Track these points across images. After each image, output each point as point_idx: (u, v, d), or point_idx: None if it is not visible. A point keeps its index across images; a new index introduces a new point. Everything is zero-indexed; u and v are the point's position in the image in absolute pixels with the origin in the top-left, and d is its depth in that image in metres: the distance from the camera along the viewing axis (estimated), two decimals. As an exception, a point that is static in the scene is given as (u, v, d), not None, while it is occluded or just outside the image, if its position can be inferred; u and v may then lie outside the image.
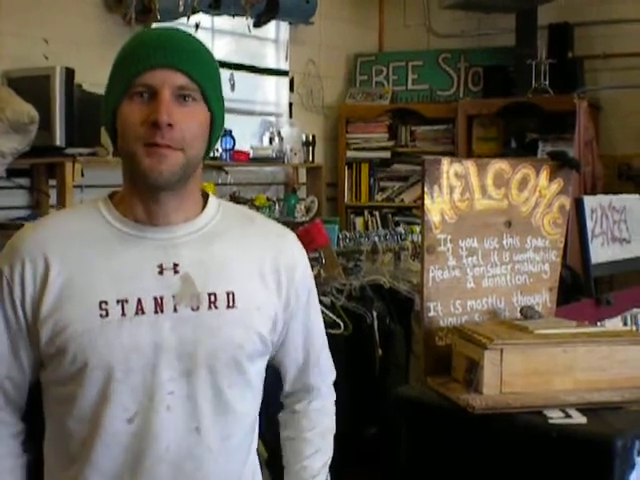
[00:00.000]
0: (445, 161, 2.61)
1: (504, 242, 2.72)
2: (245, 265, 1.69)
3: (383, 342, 3.52)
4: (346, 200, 7.06)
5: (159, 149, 1.56)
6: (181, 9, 5.25)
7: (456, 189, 2.62)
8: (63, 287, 1.60)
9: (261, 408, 1.79)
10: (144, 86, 1.57)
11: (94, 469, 1.63)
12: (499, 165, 2.71)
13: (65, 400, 1.64)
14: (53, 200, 4.87)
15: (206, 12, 5.67)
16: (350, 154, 7.03)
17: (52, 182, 4.88)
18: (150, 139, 1.56)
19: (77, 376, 1.60)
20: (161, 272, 1.62)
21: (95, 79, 4.68)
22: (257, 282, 1.69)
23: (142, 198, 1.64)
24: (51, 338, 1.60)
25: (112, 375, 1.59)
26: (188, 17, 5.34)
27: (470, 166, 2.65)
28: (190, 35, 1.68)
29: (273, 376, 1.86)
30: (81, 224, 1.67)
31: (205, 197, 1.74)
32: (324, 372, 1.92)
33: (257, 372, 1.73)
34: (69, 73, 4.62)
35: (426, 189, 2.56)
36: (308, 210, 6.35)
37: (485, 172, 2.67)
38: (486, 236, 2.69)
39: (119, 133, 1.60)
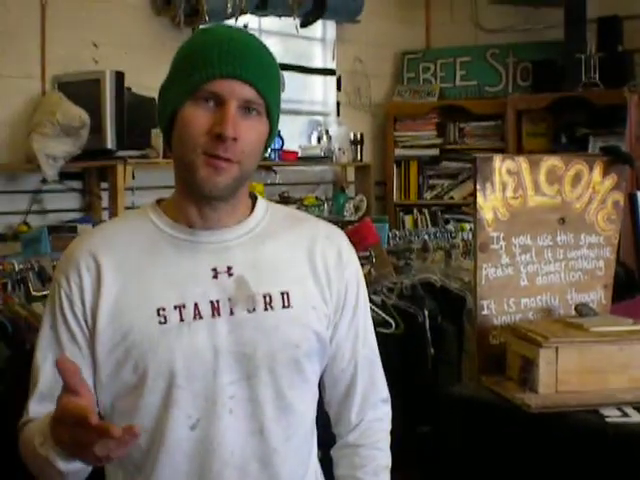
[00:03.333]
0: (497, 158, 2.59)
1: (558, 239, 2.69)
2: (297, 265, 1.69)
3: (435, 341, 3.50)
4: (395, 198, 7.04)
5: (218, 161, 1.55)
6: (229, 10, 5.28)
7: (508, 186, 2.59)
8: (119, 295, 1.59)
9: None
10: (212, 93, 1.55)
11: (159, 478, 1.61)
12: (552, 161, 2.68)
13: (126, 413, 1.62)
14: (105, 203, 4.93)
15: (253, 13, 5.70)
16: (398, 152, 7.01)
17: (104, 185, 4.94)
18: (212, 150, 1.54)
19: (138, 386, 1.59)
20: (215, 276, 1.62)
21: (144, 82, 4.74)
22: (310, 281, 1.68)
23: (196, 203, 1.63)
24: (110, 349, 1.59)
25: (174, 382, 1.58)
26: (236, 18, 5.37)
27: (522, 162, 2.63)
28: (260, 42, 1.65)
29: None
30: (132, 232, 1.66)
31: (253, 198, 1.74)
32: (377, 387, 1.84)
33: (314, 372, 1.72)
34: (119, 76, 4.67)
35: (478, 186, 2.55)
36: (357, 209, 6.34)
37: (538, 168, 2.64)
38: (539, 233, 2.66)
39: (177, 136, 1.59)
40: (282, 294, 1.64)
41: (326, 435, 1.87)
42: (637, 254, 3.66)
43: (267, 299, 1.63)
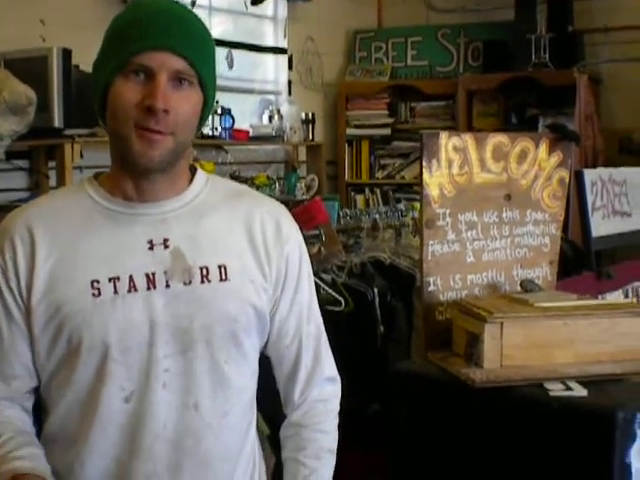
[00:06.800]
0: (443, 135, 2.59)
1: (504, 215, 2.71)
2: (236, 239, 1.67)
3: (384, 318, 3.50)
4: (346, 178, 7.05)
5: (151, 134, 1.54)
6: (177, -13, 5.23)
7: (455, 163, 2.60)
8: (53, 268, 1.59)
9: (260, 383, 1.77)
10: (141, 66, 1.54)
11: (92, 451, 1.61)
12: (498, 138, 2.69)
13: (61, 386, 1.62)
14: (53, 182, 4.86)
15: (203, -10, 5.66)
16: (350, 131, 7.00)
17: (51, 164, 4.87)
18: (143, 123, 1.54)
19: (73, 358, 1.58)
20: (151, 248, 1.61)
21: (92, 59, 4.65)
22: (249, 255, 1.67)
23: (132, 176, 1.62)
24: (46, 322, 1.58)
25: (108, 354, 1.57)
26: (185, -5, 5.32)
27: (468, 139, 2.63)
28: (191, 12, 1.64)
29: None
30: (68, 205, 1.65)
31: (193, 171, 1.73)
32: (323, 365, 1.81)
33: (253, 346, 1.71)
34: (66, 54, 4.59)
35: (424, 163, 2.55)
36: (309, 188, 6.34)
37: (484, 145, 2.66)
38: (485, 210, 2.68)
39: (110, 111, 1.58)
40: (219, 267, 1.63)
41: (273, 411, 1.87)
42: (583, 231, 3.69)
43: (204, 272, 1.62)
